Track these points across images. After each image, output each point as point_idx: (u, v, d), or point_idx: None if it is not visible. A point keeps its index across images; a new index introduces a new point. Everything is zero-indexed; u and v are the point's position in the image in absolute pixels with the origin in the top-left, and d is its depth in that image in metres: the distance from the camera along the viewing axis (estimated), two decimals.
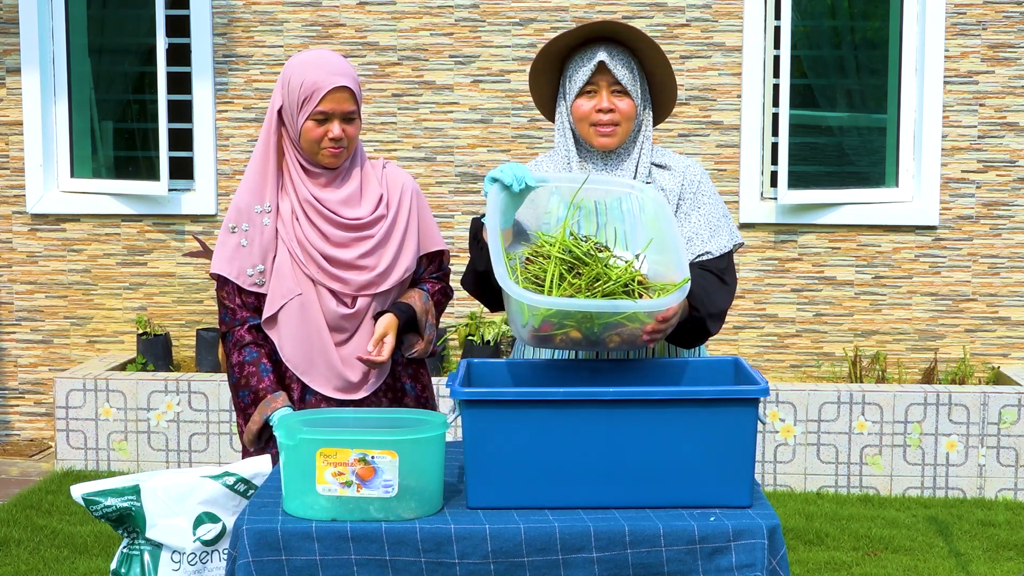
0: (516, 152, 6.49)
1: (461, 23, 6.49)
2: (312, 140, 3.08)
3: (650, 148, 3.13)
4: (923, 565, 4.95)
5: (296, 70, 3.09)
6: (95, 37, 6.77)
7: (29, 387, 6.78)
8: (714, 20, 6.42)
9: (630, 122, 3.07)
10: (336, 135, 3.07)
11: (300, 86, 3.06)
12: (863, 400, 5.89)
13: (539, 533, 2.44)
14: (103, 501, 2.71)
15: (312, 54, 3.14)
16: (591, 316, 2.68)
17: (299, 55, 3.15)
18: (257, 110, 6.58)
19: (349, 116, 3.09)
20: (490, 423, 2.52)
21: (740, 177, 6.46)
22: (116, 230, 6.67)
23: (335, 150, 3.09)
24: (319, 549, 2.44)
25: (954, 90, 6.40)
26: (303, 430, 2.50)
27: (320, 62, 3.09)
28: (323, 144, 3.08)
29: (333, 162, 3.11)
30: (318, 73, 3.06)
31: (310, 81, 3.05)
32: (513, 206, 2.91)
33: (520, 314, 2.71)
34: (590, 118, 3.05)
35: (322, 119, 3.06)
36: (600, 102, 3.04)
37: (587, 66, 3.04)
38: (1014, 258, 6.47)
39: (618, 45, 3.07)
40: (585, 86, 3.04)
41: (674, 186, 3.11)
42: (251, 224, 3.12)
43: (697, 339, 3.02)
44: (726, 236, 3.10)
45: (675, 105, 3.25)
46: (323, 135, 3.07)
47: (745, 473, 2.54)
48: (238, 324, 3.13)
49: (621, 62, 3.05)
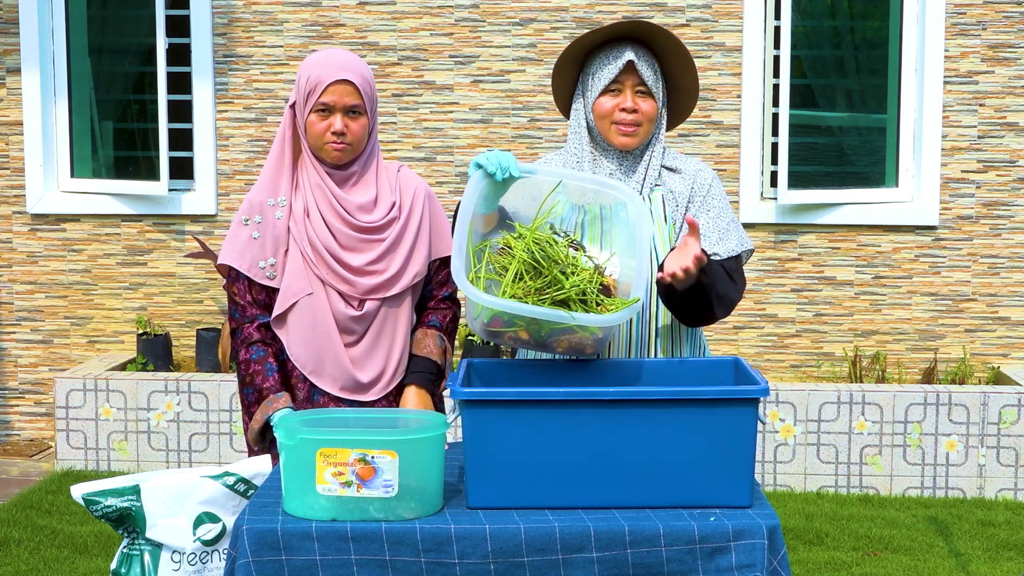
0: (516, 152, 6.49)
1: (461, 23, 6.49)
2: (316, 134, 3.08)
3: (661, 151, 3.13)
4: (923, 565, 4.95)
5: (307, 66, 3.11)
6: (95, 37, 6.77)
7: (29, 387, 6.78)
8: (714, 20, 6.42)
9: (651, 124, 3.07)
10: (338, 128, 3.06)
11: (306, 80, 3.08)
12: (863, 400, 5.89)
13: (539, 533, 2.44)
14: (103, 501, 2.71)
15: (325, 52, 3.17)
16: (537, 320, 2.70)
17: (314, 53, 3.18)
18: (257, 110, 6.58)
19: (353, 110, 3.08)
20: (490, 423, 2.52)
21: (740, 177, 6.46)
22: (116, 230, 6.67)
23: (338, 145, 3.08)
24: (319, 549, 2.44)
25: (954, 90, 6.40)
26: (303, 430, 2.50)
27: (329, 59, 3.11)
28: (326, 138, 3.08)
29: (338, 157, 3.10)
30: (324, 68, 3.08)
31: (315, 75, 3.07)
32: (496, 194, 2.90)
33: (473, 307, 2.78)
34: (612, 116, 3.05)
35: (324, 112, 3.07)
36: (624, 101, 3.04)
37: (614, 64, 3.03)
38: (1014, 258, 6.47)
39: (643, 46, 3.07)
40: (610, 84, 3.04)
41: (683, 189, 3.10)
42: (263, 217, 3.12)
43: (699, 315, 2.98)
44: (735, 240, 3.09)
45: (692, 112, 3.24)
46: (326, 129, 3.07)
47: (745, 473, 2.54)
48: (247, 321, 3.14)
49: (647, 63, 3.05)
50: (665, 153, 3.15)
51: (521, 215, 2.97)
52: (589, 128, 3.11)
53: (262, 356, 3.12)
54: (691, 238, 2.84)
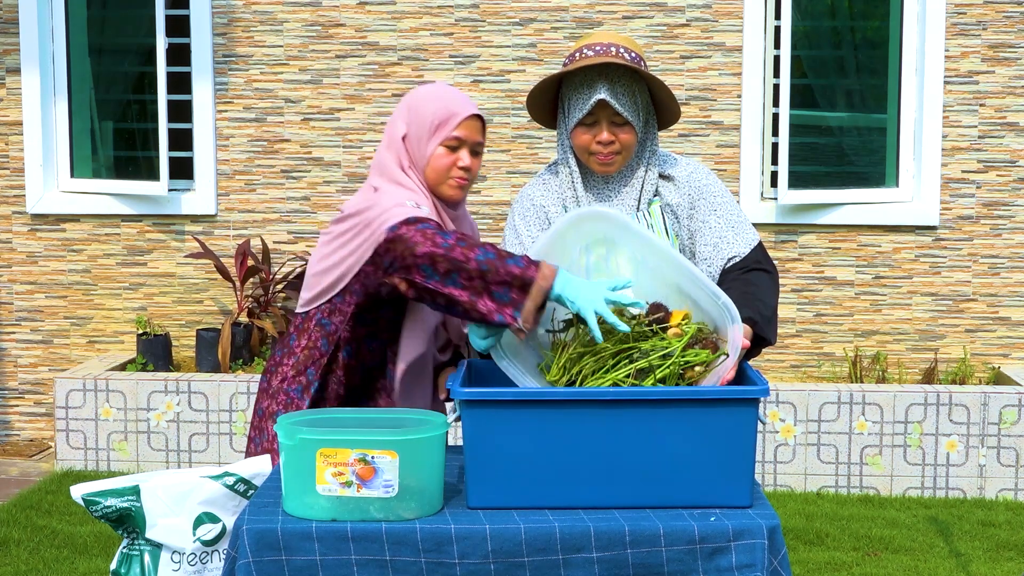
0: (516, 152, 6.49)
1: (461, 23, 6.49)
2: (441, 168, 2.99)
3: (656, 163, 3.07)
4: (923, 565, 4.95)
5: (424, 99, 3.01)
6: (95, 37, 6.77)
7: (29, 387, 6.78)
8: (714, 20, 6.42)
9: (631, 149, 3.01)
10: (466, 164, 2.98)
11: (433, 112, 2.97)
12: (863, 400, 5.89)
13: (539, 533, 2.44)
14: (103, 501, 2.70)
15: (436, 85, 3.06)
16: None
17: (419, 88, 3.06)
18: (257, 110, 6.58)
19: (477, 148, 3.02)
20: (490, 423, 2.52)
21: (740, 177, 6.46)
22: (116, 230, 6.67)
23: (462, 181, 3.00)
24: (319, 549, 2.44)
25: (954, 90, 6.40)
26: (303, 430, 2.50)
27: (450, 92, 3.03)
28: (452, 173, 2.99)
29: (457, 194, 3.01)
30: (452, 101, 2.99)
31: (444, 107, 2.98)
32: (511, 346, 2.75)
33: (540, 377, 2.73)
34: (590, 148, 2.99)
35: (455, 146, 2.98)
36: (600, 134, 2.97)
37: (586, 102, 2.95)
38: (1014, 258, 6.47)
39: (618, 69, 2.97)
40: (584, 118, 2.97)
41: (681, 199, 3.06)
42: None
43: (756, 351, 2.90)
44: (749, 230, 3.05)
45: (679, 117, 3.19)
46: (452, 163, 2.98)
47: (745, 473, 2.54)
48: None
49: (622, 91, 2.96)
50: (657, 156, 3.09)
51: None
52: (574, 151, 3.06)
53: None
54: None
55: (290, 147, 6.59)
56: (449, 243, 2.70)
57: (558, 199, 3.09)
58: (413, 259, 2.73)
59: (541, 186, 3.13)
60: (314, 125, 6.57)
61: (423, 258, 2.71)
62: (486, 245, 2.70)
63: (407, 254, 2.74)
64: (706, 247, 3.03)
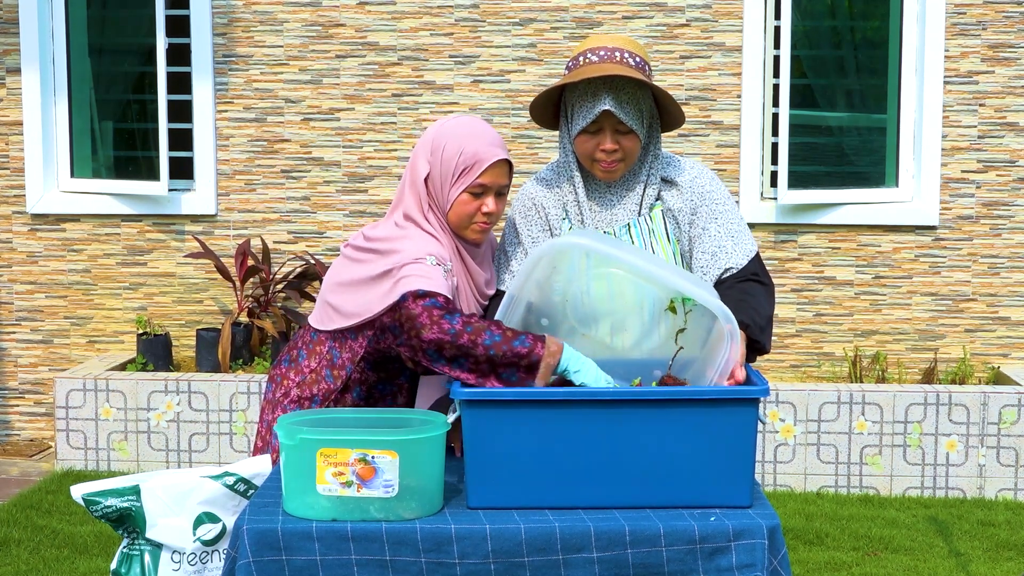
0: (516, 152, 6.49)
1: (461, 23, 6.49)
2: (465, 214, 2.92)
3: (659, 167, 3.05)
4: (923, 565, 4.95)
5: (449, 139, 2.92)
6: (95, 37, 6.77)
7: (29, 387, 6.78)
8: (714, 20, 6.42)
9: (634, 156, 2.99)
10: (491, 210, 2.92)
11: (458, 155, 2.89)
12: (863, 400, 5.89)
13: (539, 533, 2.44)
14: (103, 501, 2.70)
15: (464, 122, 2.96)
16: None
17: (446, 122, 2.97)
18: (257, 110, 6.58)
19: (503, 191, 2.95)
20: (490, 423, 2.52)
21: (740, 177, 6.46)
22: (116, 230, 6.67)
23: (485, 225, 2.94)
24: (319, 549, 2.44)
25: (954, 90, 6.40)
26: (303, 430, 2.50)
27: (476, 132, 2.93)
28: (476, 219, 2.92)
29: (480, 238, 2.96)
30: (478, 144, 2.90)
31: (470, 152, 2.89)
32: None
33: None
34: (593, 155, 2.97)
35: (479, 192, 2.91)
36: (604, 142, 2.94)
37: (590, 112, 2.92)
38: (1014, 258, 6.47)
39: (622, 77, 2.94)
40: (588, 126, 2.94)
41: (683, 205, 3.04)
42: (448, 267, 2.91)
43: (750, 357, 2.89)
44: (748, 240, 3.03)
45: (683, 122, 3.16)
46: (476, 209, 2.92)
47: (745, 473, 2.54)
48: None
49: (627, 99, 2.94)
50: (660, 158, 3.08)
51: (547, 297, 2.83)
52: (576, 156, 3.04)
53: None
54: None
55: (290, 147, 6.59)
56: (456, 328, 2.66)
57: (559, 200, 3.09)
58: (419, 343, 2.70)
59: (542, 186, 3.12)
60: (314, 125, 6.57)
61: (429, 344, 2.68)
62: (492, 326, 2.66)
63: (413, 335, 2.72)
64: (704, 255, 3.01)
